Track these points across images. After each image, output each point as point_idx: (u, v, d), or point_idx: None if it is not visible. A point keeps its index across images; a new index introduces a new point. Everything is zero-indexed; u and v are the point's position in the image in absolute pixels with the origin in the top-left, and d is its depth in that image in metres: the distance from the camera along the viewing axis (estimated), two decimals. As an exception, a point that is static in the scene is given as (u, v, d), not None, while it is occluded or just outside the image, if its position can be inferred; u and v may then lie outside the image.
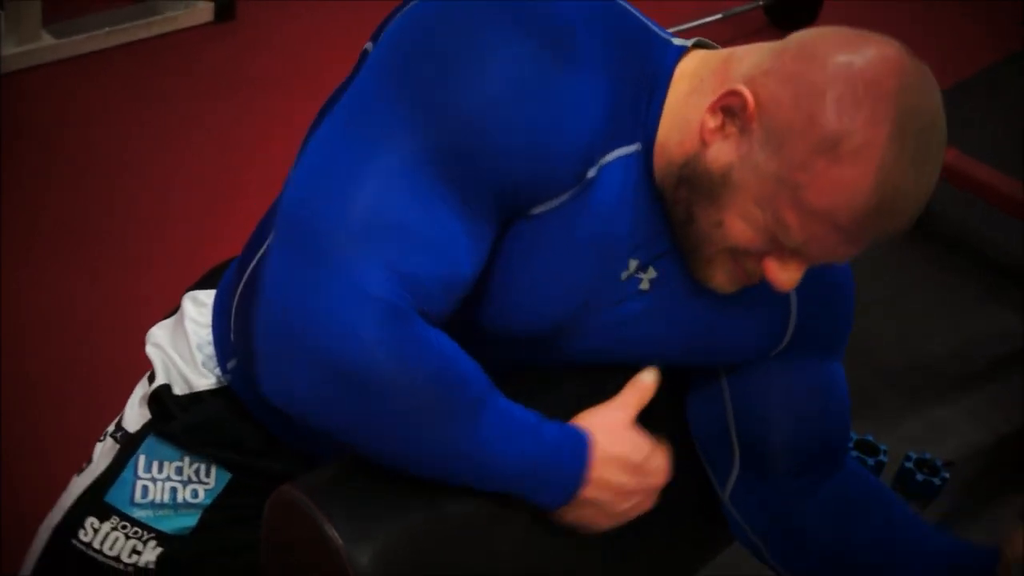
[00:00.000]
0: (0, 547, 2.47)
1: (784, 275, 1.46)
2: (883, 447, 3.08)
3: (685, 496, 1.77)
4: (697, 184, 1.44)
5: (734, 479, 1.76)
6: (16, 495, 2.62)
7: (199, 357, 1.74)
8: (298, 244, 1.36)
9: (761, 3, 4.79)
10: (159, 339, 1.78)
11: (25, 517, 1.88)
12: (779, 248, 1.44)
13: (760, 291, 1.55)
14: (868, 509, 1.76)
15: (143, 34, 4.11)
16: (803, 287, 1.55)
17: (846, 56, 1.37)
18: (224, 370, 1.73)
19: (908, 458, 3.07)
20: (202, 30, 4.22)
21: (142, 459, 1.74)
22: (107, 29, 4.05)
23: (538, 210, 1.43)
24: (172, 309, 1.83)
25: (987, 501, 3.07)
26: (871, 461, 3.05)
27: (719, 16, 4.52)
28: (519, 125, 1.36)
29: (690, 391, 1.78)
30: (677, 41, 1.52)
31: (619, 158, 1.46)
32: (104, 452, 1.77)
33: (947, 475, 3.05)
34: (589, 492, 1.49)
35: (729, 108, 1.42)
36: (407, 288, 1.35)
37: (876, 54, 1.37)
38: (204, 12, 4.24)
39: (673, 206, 1.48)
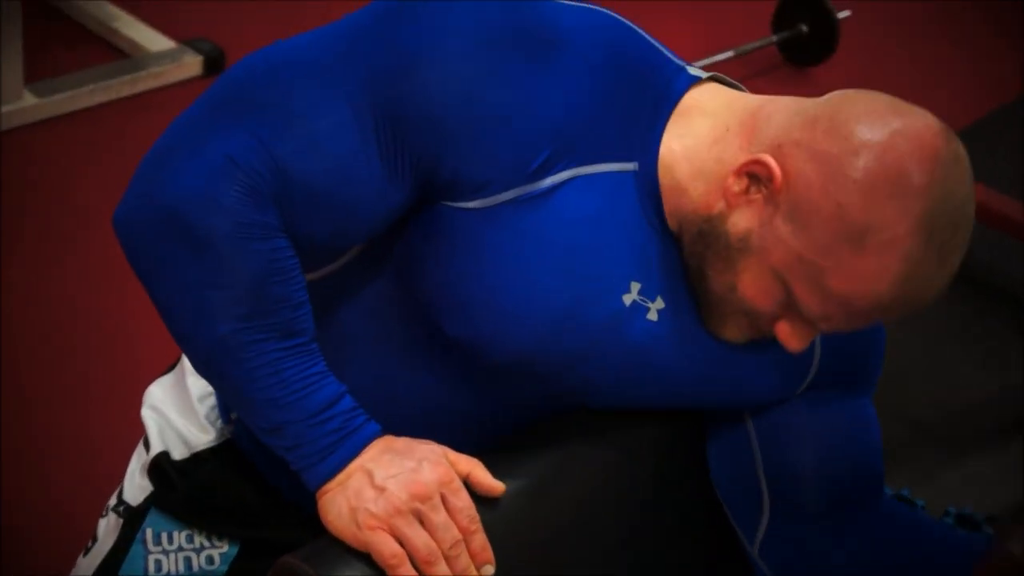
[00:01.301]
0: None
1: (796, 340, 1.49)
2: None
3: (701, 553, 1.78)
4: (714, 244, 1.47)
5: (764, 528, 1.70)
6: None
7: (201, 409, 1.73)
8: (209, 96, 1.46)
9: (775, 39, 4.66)
10: (156, 399, 1.77)
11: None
12: (791, 314, 1.47)
13: None
14: (905, 548, 1.72)
15: (128, 91, 4.05)
16: None
17: (880, 141, 1.39)
18: (226, 420, 1.73)
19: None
20: (191, 84, 4.14)
21: (149, 532, 1.73)
22: (91, 87, 3.99)
23: (476, 203, 1.45)
24: (171, 364, 1.81)
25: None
26: (908, 519, 2.90)
27: (731, 53, 4.40)
28: (459, 100, 1.41)
29: (712, 438, 1.72)
30: (692, 70, 1.54)
31: (604, 173, 1.48)
32: (109, 529, 1.76)
33: (990, 531, 2.89)
34: (343, 480, 1.47)
35: (755, 175, 1.44)
36: (274, 172, 1.40)
37: (910, 140, 1.39)
38: (192, 66, 4.16)
39: (689, 256, 1.51)
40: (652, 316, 1.54)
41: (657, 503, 1.72)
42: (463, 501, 1.45)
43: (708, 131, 1.48)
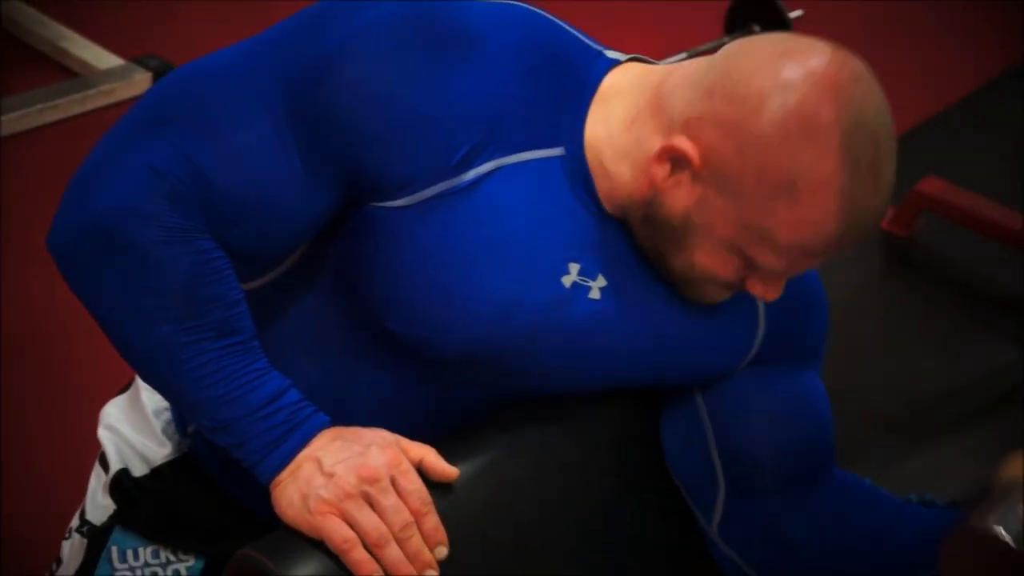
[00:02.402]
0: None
1: (772, 291, 1.53)
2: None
3: (661, 535, 1.79)
4: (659, 229, 1.50)
5: (720, 507, 1.71)
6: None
7: (157, 424, 1.75)
8: (133, 112, 1.48)
9: (728, 40, 4.62)
10: (111, 419, 1.78)
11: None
12: (757, 272, 1.50)
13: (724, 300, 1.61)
14: (861, 520, 1.74)
15: (78, 109, 4.05)
16: None
17: (778, 91, 1.41)
18: (184, 435, 1.74)
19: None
20: (141, 101, 4.14)
21: (115, 550, 1.74)
22: (40, 106, 3.99)
23: (401, 201, 1.46)
24: (125, 384, 1.83)
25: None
26: (869, 507, 2.90)
27: (683, 55, 4.40)
28: (373, 102, 1.43)
29: (665, 418, 1.72)
30: (610, 53, 1.56)
31: (529, 160, 1.50)
32: (73, 549, 1.77)
33: (951, 515, 2.91)
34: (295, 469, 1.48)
35: (675, 159, 1.46)
36: (195, 180, 1.42)
37: (806, 79, 1.41)
38: (141, 83, 4.16)
39: (643, 240, 1.54)
40: (594, 295, 1.55)
41: (614, 485, 1.73)
42: (413, 483, 1.46)
43: (623, 114, 1.50)
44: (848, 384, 3.25)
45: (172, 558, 1.74)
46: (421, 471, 1.50)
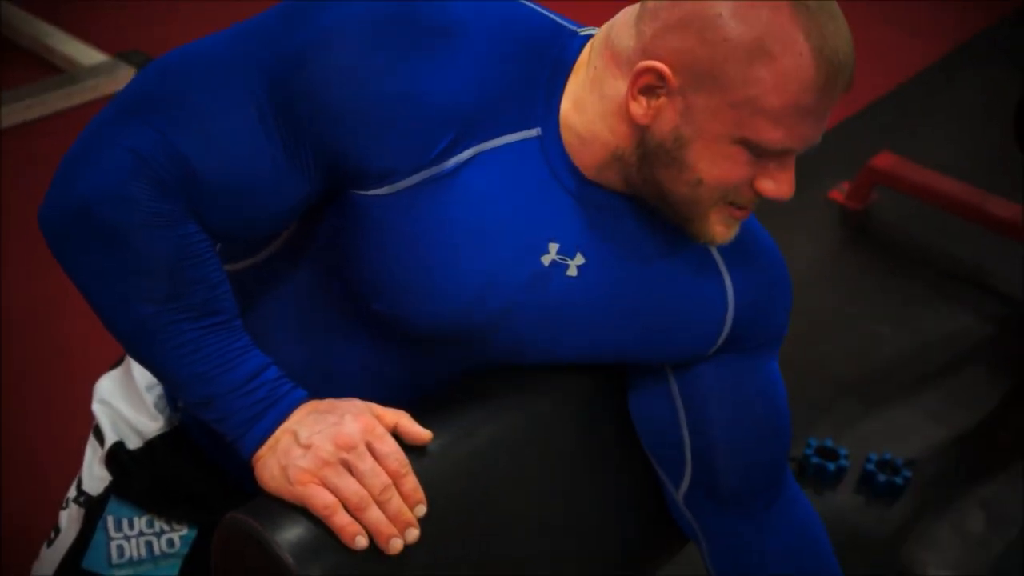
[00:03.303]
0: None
1: (784, 186, 1.51)
2: (843, 451, 3.08)
3: (631, 494, 1.79)
4: (655, 159, 1.49)
5: (687, 480, 1.74)
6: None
7: (149, 398, 1.75)
8: (120, 97, 1.48)
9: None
10: (105, 393, 1.79)
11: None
12: (762, 165, 1.49)
13: (696, 279, 1.62)
14: (802, 553, 1.78)
15: (64, 104, 4.06)
16: (738, 275, 1.65)
17: None
18: (174, 408, 1.75)
19: (869, 460, 3.06)
20: (127, 95, 4.15)
21: (110, 520, 1.75)
22: (28, 102, 4.00)
23: (383, 190, 1.48)
24: (118, 359, 1.83)
25: (951, 496, 3.07)
26: (832, 466, 3.04)
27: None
28: (354, 93, 1.43)
29: (635, 393, 1.75)
30: (584, 31, 1.56)
31: (508, 144, 1.51)
32: (71, 519, 1.78)
33: (909, 474, 3.04)
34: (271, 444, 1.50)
35: (646, 87, 1.46)
36: (178, 165, 1.43)
37: None
38: (126, 78, 4.11)
39: (643, 186, 1.53)
40: (571, 272, 1.57)
41: (587, 447, 1.75)
42: (389, 446, 1.47)
43: (585, 78, 1.51)
44: (809, 351, 3.39)
45: (166, 527, 1.76)
46: (397, 436, 1.50)
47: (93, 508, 1.76)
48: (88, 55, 4.22)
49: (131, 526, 1.76)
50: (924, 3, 5.43)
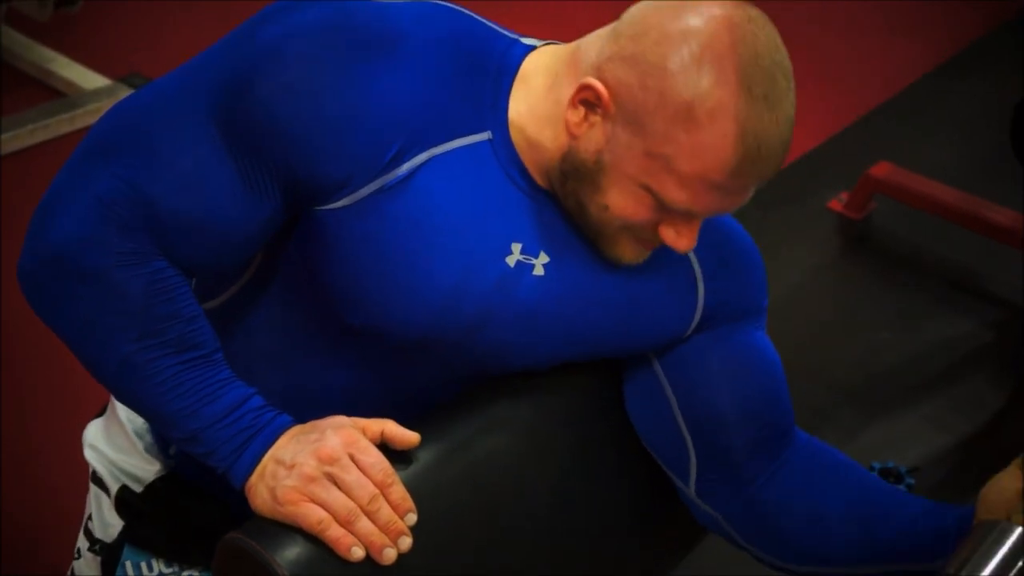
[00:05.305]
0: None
1: (681, 239, 1.53)
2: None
3: (631, 498, 1.79)
4: (577, 175, 1.51)
5: (695, 471, 1.73)
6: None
7: (140, 444, 1.76)
8: (83, 145, 1.51)
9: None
10: (95, 440, 1.81)
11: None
12: (668, 214, 1.51)
13: (662, 262, 1.63)
14: (834, 479, 1.74)
15: (67, 128, 4.07)
16: (704, 254, 1.66)
17: (676, 25, 1.45)
18: (167, 456, 1.76)
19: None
20: (127, 119, 4.15)
21: (129, 565, 1.77)
22: (31, 127, 4.01)
23: (341, 202, 1.49)
24: (102, 407, 1.84)
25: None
26: (835, 474, 3.02)
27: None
28: (299, 108, 1.44)
29: (628, 391, 1.76)
30: (526, 40, 1.59)
31: (460, 148, 1.53)
32: (88, 568, 1.80)
33: (912, 481, 3.05)
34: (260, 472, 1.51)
35: (587, 100, 1.49)
36: (140, 207, 1.45)
37: (704, 16, 1.45)
38: None
39: (564, 200, 1.55)
40: (538, 271, 1.58)
41: (583, 451, 1.75)
42: (373, 456, 1.47)
43: (543, 84, 1.53)
44: (810, 359, 3.39)
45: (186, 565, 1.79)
46: (386, 445, 1.52)
47: (110, 555, 1.78)
48: (89, 79, 4.23)
49: (150, 568, 1.78)
50: (919, 10, 5.44)
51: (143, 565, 1.77)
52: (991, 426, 3.33)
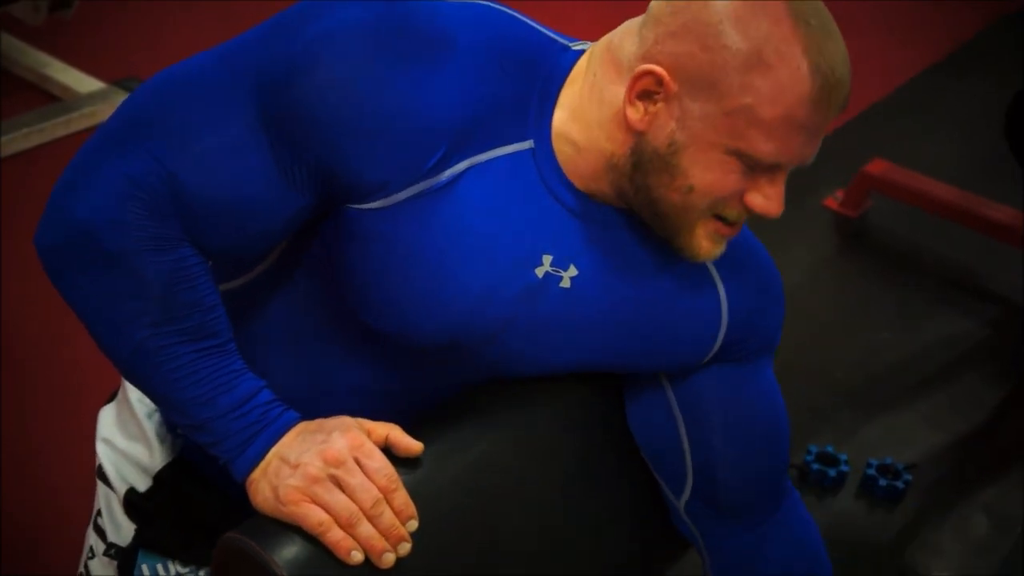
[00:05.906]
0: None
1: (771, 203, 1.51)
2: (843, 457, 3.09)
3: (629, 504, 1.79)
4: (650, 167, 1.49)
5: (689, 489, 1.74)
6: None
7: (150, 427, 1.75)
8: (112, 120, 1.49)
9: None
10: (106, 431, 1.80)
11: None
12: (753, 179, 1.49)
13: (690, 288, 1.62)
14: (801, 559, 1.80)
15: (62, 132, 4.07)
16: (732, 289, 1.65)
17: None
18: (176, 435, 1.75)
19: (869, 465, 3.07)
20: (122, 122, 4.16)
21: (145, 568, 1.77)
22: (26, 130, 4.01)
23: (377, 203, 1.47)
24: (113, 392, 1.83)
25: (952, 500, 3.08)
26: (832, 472, 3.05)
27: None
28: (345, 107, 1.42)
29: (632, 403, 1.76)
30: (576, 46, 1.56)
31: (501, 156, 1.51)
32: (103, 568, 1.80)
33: (910, 478, 3.05)
34: (263, 468, 1.50)
35: (644, 92, 1.46)
36: (172, 189, 1.44)
37: None
38: None
39: (634, 195, 1.52)
40: (565, 284, 1.56)
41: (583, 460, 1.75)
42: (378, 461, 1.47)
43: (583, 87, 1.52)
44: (808, 357, 3.39)
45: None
46: (390, 450, 1.51)
47: (125, 559, 1.78)
48: (85, 83, 4.24)
49: (166, 569, 1.78)
50: (916, 9, 5.45)
51: (159, 567, 1.77)
52: (990, 423, 3.34)
